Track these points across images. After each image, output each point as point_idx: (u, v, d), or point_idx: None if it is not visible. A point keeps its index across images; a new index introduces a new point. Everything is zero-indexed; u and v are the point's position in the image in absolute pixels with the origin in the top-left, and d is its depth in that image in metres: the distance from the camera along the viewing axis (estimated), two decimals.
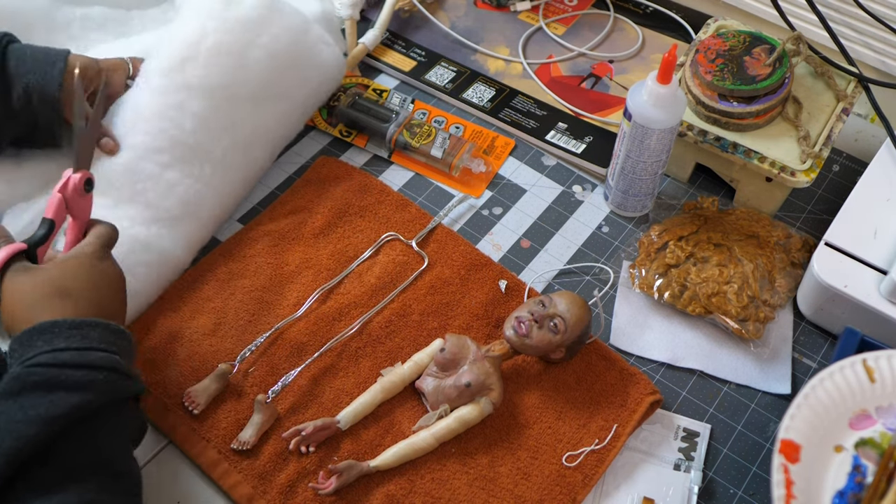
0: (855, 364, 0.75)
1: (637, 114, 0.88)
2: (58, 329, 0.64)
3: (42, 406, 0.60)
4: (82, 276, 0.70)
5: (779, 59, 0.94)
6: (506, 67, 1.13)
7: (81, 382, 0.62)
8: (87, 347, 0.64)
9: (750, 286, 0.89)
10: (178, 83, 0.88)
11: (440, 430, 0.79)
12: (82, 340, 0.64)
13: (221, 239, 0.95)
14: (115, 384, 0.64)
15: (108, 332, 0.67)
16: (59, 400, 0.61)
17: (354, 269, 0.92)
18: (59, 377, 0.61)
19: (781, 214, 1.00)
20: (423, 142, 1.02)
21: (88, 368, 0.63)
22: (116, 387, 0.64)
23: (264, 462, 0.77)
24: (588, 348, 0.86)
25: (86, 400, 0.62)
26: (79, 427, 0.61)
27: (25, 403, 0.60)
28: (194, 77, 0.89)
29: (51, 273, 0.69)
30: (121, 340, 0.68)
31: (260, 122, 0.95)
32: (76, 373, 0.62)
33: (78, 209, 0.76)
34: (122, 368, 0.65)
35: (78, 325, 0.65)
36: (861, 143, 1.07)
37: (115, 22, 1.03)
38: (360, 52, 1.12)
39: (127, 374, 0.66)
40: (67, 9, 1.00)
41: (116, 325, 0.68)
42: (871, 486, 0.69)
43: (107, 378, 0.64)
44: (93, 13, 1.02)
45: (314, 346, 0.85)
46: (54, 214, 0.74)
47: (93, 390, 0.62)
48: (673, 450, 0.81)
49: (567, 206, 1.00)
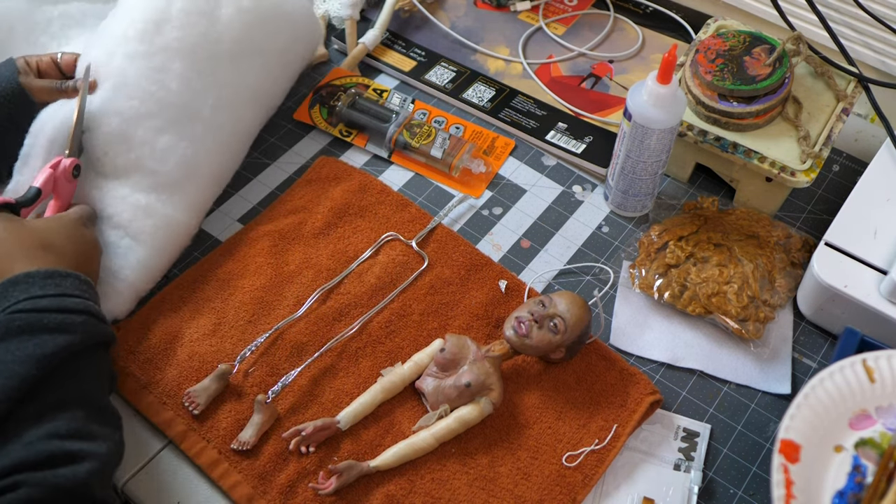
0: (855, 364, 0.75)
1: (637, 114, 0.88)
2: (32, 279, 0.68)
3: (29, 347, 0.64)
4: (64, 235, 0.75)
5: (779, 59, 0.94)
6: (506, 67, 1.13)
7: (63, 325, 0.66)
8: (63, 294, 0.68)
9: (750, 286, 0.89)
10: (158, 45, 0.88)
11: (440, 430, 0.79)
12: (57, 288, 0.68)
13: (221, 239, 0.95)
14: (94, 327, 0.69)
15: (79, 282, 0.71)
16: (45, 342, 0.65)
17: (354, 269, 0.92)
18: (42, 321, 0.65)
19: (781, 214, 1.00)
20: (423, 142, 1.02)
21: (67, 312, 0.67)
22: (95, 330, 0.69)
23: (264, 462, 0.77)
24: (588, 348, 0.86)
25: (69, 340, 0.66)
26: (63, 366, 0.65)
27: (11, 346, 0.64)
28: (172, 38, 0.89)
29: (35, 226, 0.74)
30: (90, 290, 0.72)
31: (240, 79, 0.95)
32: (57, 316, 0.66)
33: (62, 191, 0.82)
34: (97, 313, 0.70)
35: (51, 274, 0.69)
36: (861, 143, 1.07)
37: (95, 17, 1.03)
38: (360, 52, 1.12)
39: (101, 319, 0.71)
40: (47, 8, 1.01)
41: (86, 277, 0.72)
42: (871, 486, 0.69)
43: (85, 321, 0.68)
44: (71, 10, 1.02)
45: (314, 346, 0.85)
46: (42, 185, 0.80)
47: (74, 332, 0.67)
48: (673, 450, 0.81)
49: (567, 206, 1.00)
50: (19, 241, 0.72)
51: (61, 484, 0.60)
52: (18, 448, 0.61)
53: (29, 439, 0.61)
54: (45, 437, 0.62)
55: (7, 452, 0.60)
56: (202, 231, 0.96)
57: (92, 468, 0.62)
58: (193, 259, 0.93)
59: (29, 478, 0.59)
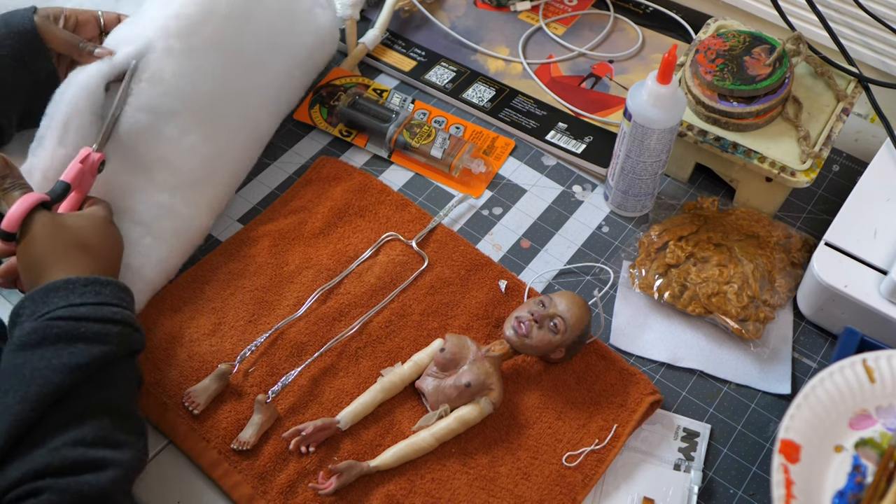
0: (855, 364, 0.75)
1: (637, 114, 0.88)
2: (72, 286, 0.68)
3: (65, 356, 0.64)
4: (100, 234, 0.76)
5: (779, 59, 0.94)
6: (506, 67, 1.13)
7: (100, 335, 0.66)
8: (102, 303, 0.69)
9: (750, 286, 0.89)
10: (196, 45, 0.88)
11: (440, 430, 0.79)
12: (97, 296, 0.69)
13: (221, 239, 0.95)
14: (129, 337, 0.69)
15: (118, 289, 0.71)
16: (81, 350, 0.65)
17: (354, 269, 0.92)
18: (79, 329, 0.66)
19: (781, 214, 1.00)
20: (423, 142, 1.02)
21: (105, 322, 0.67)
22: (130, 339, 0.69)
23: (264, 462, 0.77)
24: (588, 348, 0.86)
25: (105, 351, 0.66)
26: (95, 375, 0.66)
27: (48, 354, 0.64)
28: (211, 39, 0.89)
29: (73, 224, 0.75)
30: (128, 297, 0.73)
31: (263, 84, 0.96)
32: (94, 325, 0.66)
33: (84, 185, 0.81)
34: (133, 323, 0.70)
35: (91, 282, 0.70)
36: (861, 143, 1.07)
37: None
38: (360, 52, 1.12)
39: (136, 328, 0.71)
40: None
41: (123, 283, 0.73)
42: (870, 486, 0.69)
43: (122, 331, 0.68)
44: None
45: (314, 346, 0.85)
46: (72, 179, 0.79)
47: (110, 342, 0.67)
48: (673, 450, 0.81)
49: (567, 206, 1.00)
50: (59, 242, 0.73)
51: (84, 491, 0.60)
52: (44, 454, 0.61)
53: (54, 445, 0.61)
54: (71, 443, 0.62)
55: (32, 458, 0.60)
56: None
57: (115, 475, 0.62)
58: (193, 259, 0.93)
59: (52, 484, 0.59)
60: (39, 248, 0.72)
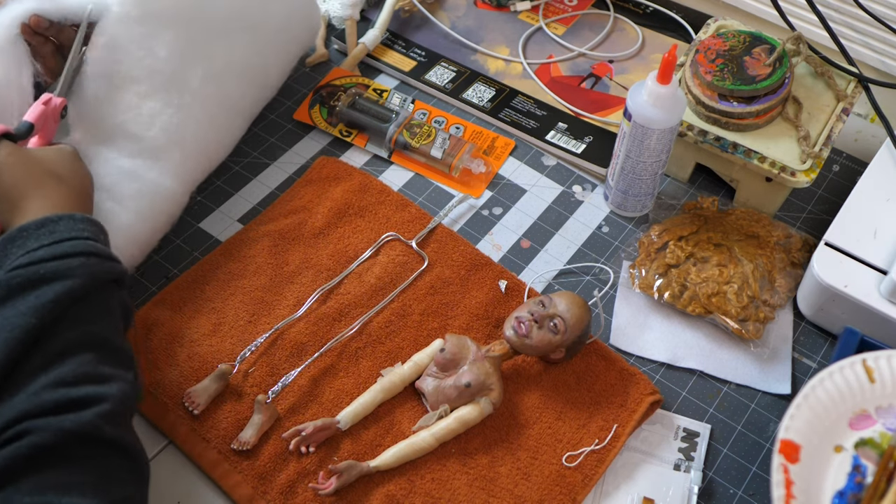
0: (855, 364, 0.75)
1: (637, 114, 0.88)
2: (26, 232, 0.67)
3: (30, 300, 0.63)
4: (69, 167, 0.75)
5: (779, 59, 0.94)
6: (506, 67, 1.13)
7: (60, 271, 0.64)
8: (57, 241, 0.66)
9: (750, 286, 0.89)
10: (152, 11, 0.88)
11: (440, 431, 0.79)
12: (51, 235, 0.67)
13: (221, 239, 0.95)
14: (95, 267, 0.67)
15: (73, 222, 0.69)
16: (44, 291, 0.63)
17: (354, 270, 0.92)
18: (38, 272, 0.64)
19: (781, 214, 1.00)
20: (423, 142, 1.02)
21: (62, 258, 0.65)
22: (97, 269, 0.67)
23: (264, 462, 0.77)
24: (588, 348, 0.86)
25: (69, 286, 0.64)
26: (68, 312, 0.64)
27: (15, 303, 0.63)
28: (168, 6, 0.89)
29: (44, 155, 0.74)
30: (90, 226, 0.70)
31: (232, 54, 0.95)
32: (52, 264, 0.65)
33: (48, 130, 0.81)
34: (95, 251, 0.68)
35: (43, 222, 0.68)
36: (861, 143, 1.07)
37: None
38: (360, 52, 1.12)
39: (104, 256, 0.68)
40: None
41: (81, 214, 0.70)
42: (870, 487, 0.69)
43: (83, 263, 0.66)
44: None
45: (314, 346, 0.85)
46: (35, 120, 0.79)
47: (72, 275, 0.65)
48: (673, 450, 0.81)
49: (567, 206, 1.00)
50: (29, 171, 0.72)
51: (66, 427, 0.58)
52: (24, 399, 0.60)
53: (34, 389, 0.60)
54: (52, 385, 0.60)
55: (13, 405, 0.59)
56: (202, 231, 0.96)
57: (100, 410, 0.60)
58: (193, 259, 0.93)
59: (33, 425, 0.58)
60: (9, 176, 0.71)
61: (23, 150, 0.74)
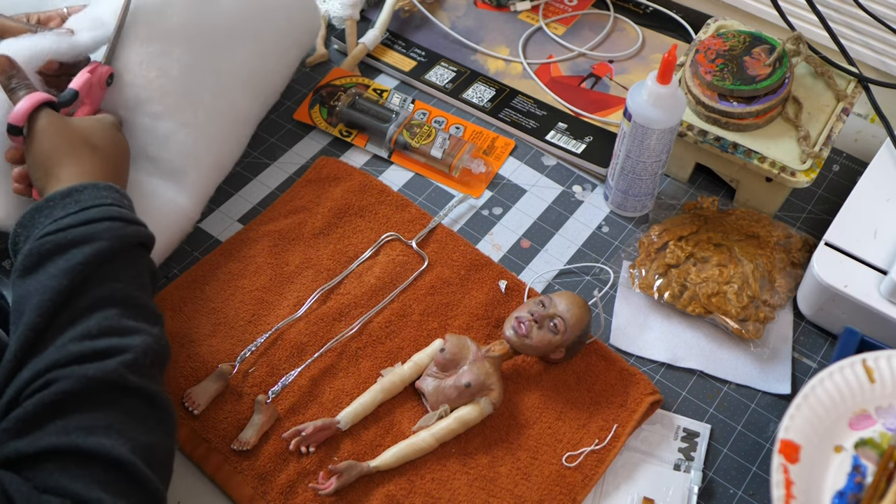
0: (855, 364, 0.75)
1: (637, 114, 0.88)
2: (52, 202, 0.70)
3: (60, 263, 0.66)
4: (107, 136, 0.77)
5: (779, 59, 0.94)
6: (506, 67, 1.13)
7: (86, 235, 0.67)
8: (83, 208, 0.69)
9: (750, 286, 0.89)
10: (159, 30, 0.87)
11: (440, 431, 0.79)
12: (77, 204, 0.70)
13: (221, 239, 0.95)
14: (120, 230, 0.69)
15: (97, 190, 0.71)
16: (73, 254, 0.66)
17: (354, 270, 0.92)
18: (66, 237, 0.67)
19: (781, 214, 1.00)
20: (423, 142, 1.02)
21: (88, 223, 0.68)
22: (122, 232, 0.69)
23: (264, 462, 0.77)
24: (588, 348, 0.86)
25: (96, 248, 0.67)
26: (95, 273, 0.67)
27: (46, 268, 0.66)
28: (174, 23, 0.88)
29: (79, 124, 0.76)
30: (113, 193, 0.72)
31: (238, 65, 0.95)
32: (79, 229, 0.68)
33: (94, 97, 0.83)
34: (120, 216, 0.70)
35: (68, 192, 0.71)
36: (861, 143, 1.07)
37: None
38: (360, 52, 1.12)
39: (129, 220, 0.71)
40: None
41: (105, 183, 0.73)
42: (870, 487, 0.69)
43: (108, 227, 0.69)
44: None
45: (314, 346, 0.85)
46: (80, 87, 0.81)
47: (99, 238, 0.68)
48: (673, 450, 0.81)
49: (567, 206, 1.00)
50: (65, 139, 0.74)
51: (90, 374, 0.61)
52: (52, 352, 0.62)
53: (61, 342, 0.63)
54: (77, 338, 0.63)
55: (42, 357, 0.62)
56: (202, 231, 0.96)
57: (123, 360, 0.63)
58: (193, 259, 0.93)
59: (58, 374, 0.60)
60: (46, 143, 0.74)
61: (61, 119, 0.76)
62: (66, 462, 0.57)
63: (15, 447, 0.57)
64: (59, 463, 0.57)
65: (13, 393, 0.61)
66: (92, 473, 0.57)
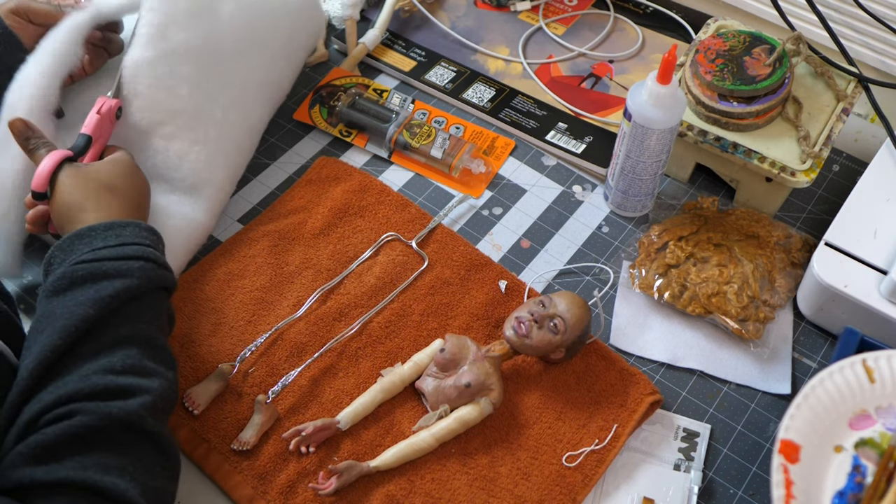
0: (855, 364, 0.75)
1: (637, 114, 0.88)
2: (94, 232, 0.72)
3: (90, 292, 0.67)
4: (125, 176, 0.79)
5: (779, 59, 0.94)
6: (506, 67, 1.13)
7: (121, 270, 0.69)
8: (122, 243, 0.71)
9: (750, 286, 0.89)
10: (167, 49, 0.87)
11: (440, 431, 0.79)
12: (117, 238, 0.72)
13: (221, 239, 0.95)
14: (151, 272, 0.71)
15: (138, 230, 0.74)
16: (104, 286, 0.68)
17: (354, 270, 0.92)
18: (101, 268, 0.69)
19: (781, 214, 1.00)
20: (423, 142, 1.02)
21: (124, 259, 0.70)
22: (153, 274, 0.71)
23: (264, 462, 0.77)
24: (588, 348, 0.86)
25: (127, 284, 0.69)
26: (121, 309, 0.68)
27: (75, 293, 0.67)
28: (178, 42, 0.88)
29: (100, 170, 0.79)
30: (151, 235, 0.75)
31: (247, 75, 0.95)
32: (115, 263, 0.69)
33: (104, 132, 0.84)
34: (154, 258, 0.72)
35: (111, 226, 0.73)
36: (861, 143, 1.07)
37: None
38: (360, 52, 1.12)
39: (160, 264, 0.73)
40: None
41: (147, 224, 0.76)
42: (870, 487, 0.69)
43: (142, 266, 0.71)
44: None
45: (314, 346, 0.85)
46: (92, 131, 0.82)
47: (132, 276, 0.69)
48: (673, 450, 0.81)
49: (567, 206, 1.00)
50: (87, 189, 0.76)
51: (113, 413, 0.62)
52: (75, 380, 0.63)
53: (84, 372, 0.64)
54: (101, 371, 0.64)
55: (65, 383, 0.63)
56: None
57: (144, 402, 0.64)
58: (193, 259, 0.93)
59: (83, 407, 0.61)
60: (68, 197, 0.76)
61: (80, 170, 0.78)
62: (77, 497, 0.58)
63: (31, 474, 0.58)
64: (71, 497, 0.58)
65: (33, 414, 0.61)
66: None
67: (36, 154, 0.79)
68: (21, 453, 0.59)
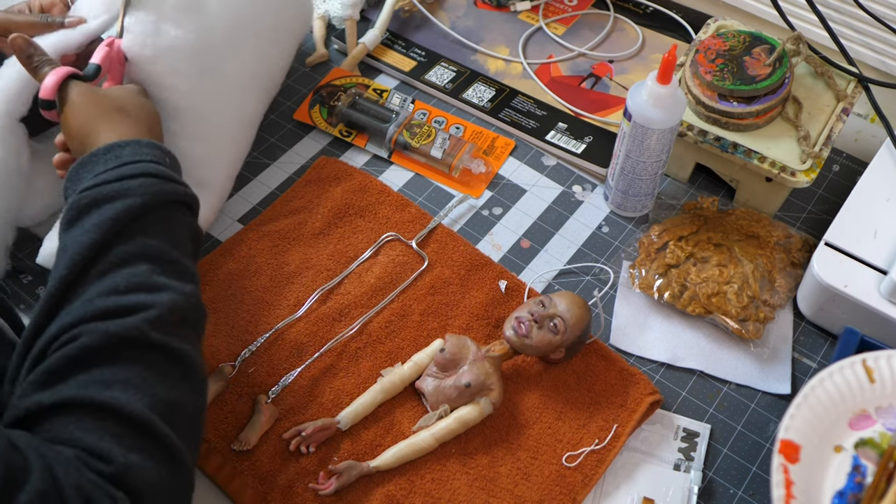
0: (855, 364, 0.75)
1: (637, 114, 0.88)
2: (96, 157, 0.71)
3: (94, 218, 0.66)
4: (135, 101, 0.79)
5: (779, 59, 0.94)
6: (506, 67, 1.13)
7: (120, 191, 0.68)
8: (121, 164, 0.70)
9: (750, 286, 0.89)
10: (162, 46, 0.86)
11: (440, 431, 0.79)
12: (116, 159, 0.70)
13: (221, 239, 0.95)
14: (154, 186, 0.69)
15: (138, 147, 0.72)
16: (105, 209, 0.67)
17: (354, 270, 0.92)
18: (102, 192, 0.68)
19: (781, 214, 1.00)
20: (423, 142, 1.02)
21: (123, 179, 0.68)
22: (157, 189, 0.69)
23: (264, 462, 0.77)
24: (588, 348, 0.86)
25: (128, 204, 0.67)
26: (127, 229, 0.67)
27: (83, 222, 0.67)
28: (174, 37, 0.87)
29: (109, 93, 0.78)
30: (154, 150, 0.73)
31: (241, 65, 0.95)
32: (114, 185, 0.68)
33: (115, 72, 0.83)
34: (157, 172, 0.70)
35: (111, 148, 0.71)
36: (861, 143, 1.07)
37: None
38: (360, 52, 1.12)
39: (166, 178, 0.70)
40: None
41: (148, 140, 0.74)
42: (870, 487, 0.69)
43: (142, 183, 0.69)
44: None
45: (314, 346, 0.85)
46: (101, 61, 0.81)
47: (132, 194, 0.68)
48: (673, 450, 0.81)
49: (567, 206, 1.00)
50: (98, 107, 0.76)
51: (111, 331, 0.61)
52: (78, 306, 0.63)
53: (88, 297, 0.63)
54: (104, 293, 0.63)
55: (70, 311, 0.62)
56: None
57: (147, 316, 0.62)
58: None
59: (84, 329, 0.61)
60: (80, 113, 0.75)
61: (91, 89, 0.77)
62: (82, 415, 0.58)
63: (38, 399, 0.58)
64: (75, 416, 0.58)
65: (42, 346, 0.61)
66: (106, 426, 0.58)
67: (40, 71, 0.77)
68: (30, 382, 0.60)
